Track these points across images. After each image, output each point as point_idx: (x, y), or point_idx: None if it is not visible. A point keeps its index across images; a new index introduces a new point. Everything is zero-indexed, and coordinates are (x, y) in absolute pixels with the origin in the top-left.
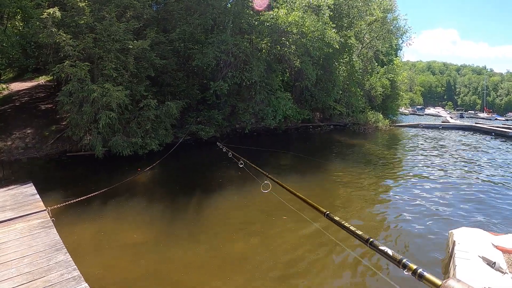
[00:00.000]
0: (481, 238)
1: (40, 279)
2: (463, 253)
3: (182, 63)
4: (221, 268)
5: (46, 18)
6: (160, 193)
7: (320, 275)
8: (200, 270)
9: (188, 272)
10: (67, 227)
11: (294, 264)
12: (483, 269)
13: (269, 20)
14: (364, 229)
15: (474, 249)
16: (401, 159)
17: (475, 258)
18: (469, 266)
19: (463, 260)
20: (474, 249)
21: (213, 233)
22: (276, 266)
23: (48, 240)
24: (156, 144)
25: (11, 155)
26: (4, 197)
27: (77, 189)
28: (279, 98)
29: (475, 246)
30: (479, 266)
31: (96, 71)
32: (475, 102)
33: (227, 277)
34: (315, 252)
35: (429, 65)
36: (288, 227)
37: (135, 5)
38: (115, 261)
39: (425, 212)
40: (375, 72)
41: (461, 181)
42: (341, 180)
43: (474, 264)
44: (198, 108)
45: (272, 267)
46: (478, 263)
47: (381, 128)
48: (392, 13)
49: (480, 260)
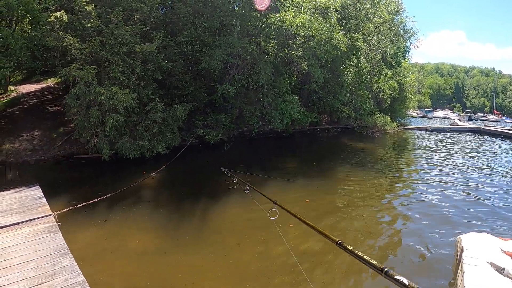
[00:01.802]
0: (490, 244)
1: (45, 284)
2: (471, 259)
3: (189, 66)
4: (226, 275)
5: (53, 22)
6: (166, 197)
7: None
8: (205, 276)
9: (194, 279)
10: (73, 232)
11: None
12: (492, 276)
13: (276, 23)
14: (371, 233)
15: (483, 255)
16: (409, 163)
17: (484, 264)
18: (478, 272)
19: (471, 266)
20: (482, 255)
21: (219, 240)
22: (283, 273)
23: (54, 244)
24: (163, 147)
25: (19, 156)
26: (11, 199)
27: (84, 192)
28: (287, 101)
29: (484, 251)
30: (487, 272)
31: (103, 74)
32: (484, 104)
33: (233, 284)
34: (322, 258)
35: (438, 67)
36: (294, 235)
37: (142, 8)
38: (120, 266)
39: (433, 216)
40: (383, 75)
41: (471, 185)
42: (349, 184)
43: (483, 271)
44: (206, 111)
45: (277, 273)
46: (487, 269)
47: (389, 131)
48: (400, 15)
49: (489, 267)
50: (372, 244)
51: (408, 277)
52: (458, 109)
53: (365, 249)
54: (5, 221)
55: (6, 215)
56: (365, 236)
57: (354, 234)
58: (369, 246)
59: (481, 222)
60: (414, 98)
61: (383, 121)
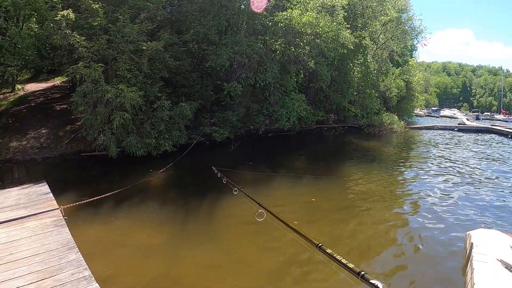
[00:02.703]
0: (499, 240)
1: (51, 278)
2: (481, 256)
3: (196, 64)
4: (232, 270)
5: (60, 20)
6: (172, 194)
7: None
8: (212, 271)
9: (200, 275)
10: (79, 227)
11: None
12: (501, 273)
13: (283, 21)
14: (378, 230)
15: (492, 252)
16: (416, 162)
17: (493, 261)
18: (487, 269)
19: (481, 263)
20: (492, 251)
21: (226, 236)
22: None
23: (60, 238)
24: (170, 145)
25: (26, 154)
26: (18, 195)
27: (91, 189)
28: (293, 99)
29: (493, 248)
30: (497, 269)
31: (110, 72)
32: (491, 104)
33: (239, 279)
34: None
35: (445, 66)
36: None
37: (148, 6)
38: (126, 262)
39: (442, 213)
40: (390, 73)
41: (479, 182)
42: (356, 183)
43: (492, 268)
44: (212, 109)
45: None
46: (497, 266)
47: (396, 130)
48: (407, 13)
49: (499, 264)
50: (378, 240)
51: (416, 272)
52: (465, 108)
53: (371, 245)
54: (12, 215)
55: (13, 210)
56: (371, 233)
57: (360, 231)
58: (375, 242)
59: (490, 219)
60: (421, 97)
61: (390, 120)
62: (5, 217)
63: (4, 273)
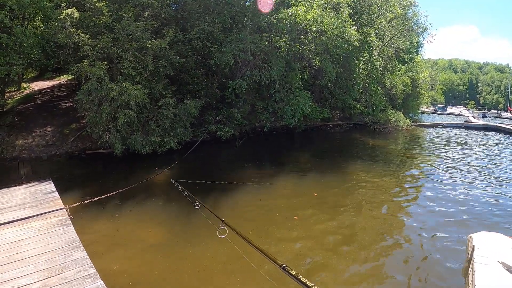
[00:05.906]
0: (501, 243)
1: (57, 276)
2: (482, 258)
3: (201, 61)
4: (236, 269)
5: (65, 19)
6: (177, 192)
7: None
8: (215, 269)
9: (205, 271)
10: (84, 225)
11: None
12: (503, 276)
13: (288, 18)
14: (379, 229)
15: (494, 254)
16: (421, 160)
17: (495, 263)
18: (489, 272)
19: (482, 265)
20: (493, 254)
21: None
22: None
23: (66, 237)
24: (175, 143)
25: (32, 152)
26: (24, 194)
27: (96, 187)
28: (299, 96)
29: (495, 251)
30: (498, 272)
31: (115, 70)
32: (498, 101)
33: (242, 278)
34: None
35: (451, 63)
36: (295, 228)
37: (153, 4)
38: (131, 260)
39: (444, 214)
40: (396, 70)
41: (483, 183)
42: (360, 179)
43: (494, 270)
44: (217, 106)
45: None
46: (498, 269)
47: (402, 128)
48: (413, 9)
49: (500, 266)
50: (380, 241)
51: (416, 274)
52: (471, 105)
53: (372, 246)
54: (18, 215)
55: (20, 209)
56: (371, 233)
57: (360, 231)
58: (377, 243)
59: (492, 222)
60: (427, 94)
61: (395, 117)
62: (12, 217)
63: (12, 271)
